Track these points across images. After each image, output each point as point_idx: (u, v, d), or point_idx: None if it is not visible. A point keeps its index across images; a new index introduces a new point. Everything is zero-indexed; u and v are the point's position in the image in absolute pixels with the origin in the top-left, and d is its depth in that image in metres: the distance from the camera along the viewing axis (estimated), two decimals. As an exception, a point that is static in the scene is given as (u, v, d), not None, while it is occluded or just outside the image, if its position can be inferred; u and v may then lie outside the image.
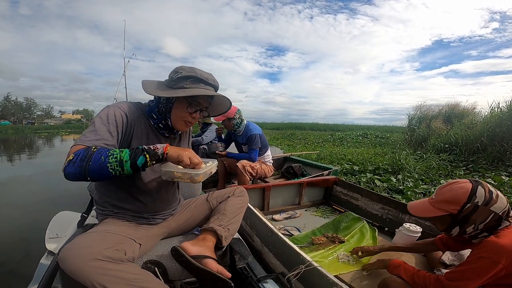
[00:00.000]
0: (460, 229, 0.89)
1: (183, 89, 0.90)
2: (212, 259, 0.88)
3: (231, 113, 2.47)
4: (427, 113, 7.73)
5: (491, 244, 0.79)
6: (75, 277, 0.65)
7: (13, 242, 2.17)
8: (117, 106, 0.90)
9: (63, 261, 0.67)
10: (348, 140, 10.98)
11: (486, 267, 0.78)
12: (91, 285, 0.65)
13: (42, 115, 67.71)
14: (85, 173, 0.73)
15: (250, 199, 1.84)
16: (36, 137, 19.05)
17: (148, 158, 0.78)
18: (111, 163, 0.74)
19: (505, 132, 4.53)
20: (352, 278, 1.25)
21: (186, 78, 0.91)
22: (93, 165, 0.72)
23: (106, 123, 0.84)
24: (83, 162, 0.72)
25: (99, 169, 0.73)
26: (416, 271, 0.96)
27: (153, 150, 0.79)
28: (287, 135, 14.71)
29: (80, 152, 0.74)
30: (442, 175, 3.89)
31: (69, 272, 0.66)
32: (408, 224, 1.54)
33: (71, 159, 0.73)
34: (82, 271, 0.66)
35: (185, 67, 0.94)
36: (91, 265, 0.66)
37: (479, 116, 6.40)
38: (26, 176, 5.09)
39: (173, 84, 0.91)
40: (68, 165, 0.73)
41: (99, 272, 0.66)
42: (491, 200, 0.83)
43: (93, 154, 0.74)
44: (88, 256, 0.68)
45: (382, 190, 3.22)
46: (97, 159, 0.73)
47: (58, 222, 1.34)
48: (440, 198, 0.91)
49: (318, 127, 24.82)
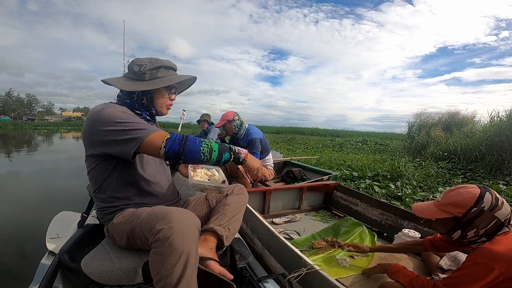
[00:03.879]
0: (462, 233, 0.91)
1: (160, 79, 0.97)
2: (215, 261, 0.88)
3: (230, 116, 2.49)
4: (427, 121, 7.77)
5: (486, 250, 0.81)
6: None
7: (13, 242, 2.16)
8: (114, 105, 0.91)
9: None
10: (348, 146, 11.00)
11: (481, 273, 0.80)
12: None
13: (43, 111, 67.59)
14: (183, 151, 0.80)
15: (251, 202, 1.85)
16: (36, 134, 19.01)
17: (232, 157, 0.87)
18: (203, 147, 0.82)
19: (503, 141, 4.55)
20: (352, 282, 1.26)
21: (157, 68, 0.97)
22: (190, 145, 0.81)
23: (133, 116, 0.87)
24: (182, 141, 0.80)
25: (193, 150, 0.81)
26: (414, 276, 0.98)
27: (237, 153, 0.89)
28: (287, 139, 14.73)
29: (175, 134, 0.82)
30: (440, 182, 3.91)
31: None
32: (407, 230, 1.56)
33: (169, 138, 0.80)
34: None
35: (143, 59, 0.98)
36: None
37: (478, 124, 6.43)
38: (25, 174, 5.07)
39: (145, 76, 0.96)
40: (169, 143, 0.79)
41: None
42: (497, 206, 0.85)
43: (187, 136, 0.82)
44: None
45: (381, 196, 3.23)
46: (193, 141, 0.81)
47: (59, 222, 1.34)
48: (446, 201, 0.93)
49: (318, 132, 24.85)
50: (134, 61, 0.99)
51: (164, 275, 0.67)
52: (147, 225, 0.75)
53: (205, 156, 0.82)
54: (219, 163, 0.86)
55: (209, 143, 0.84)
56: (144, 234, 0.76)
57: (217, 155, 0.83)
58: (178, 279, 0.66)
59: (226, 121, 2.50)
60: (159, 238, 0.68)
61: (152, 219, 0.74)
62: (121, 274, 0.83)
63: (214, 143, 0.85)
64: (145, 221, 0.77)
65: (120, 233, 0.89)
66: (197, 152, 0.81)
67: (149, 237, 0.73)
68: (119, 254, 0.89)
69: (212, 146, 0.83)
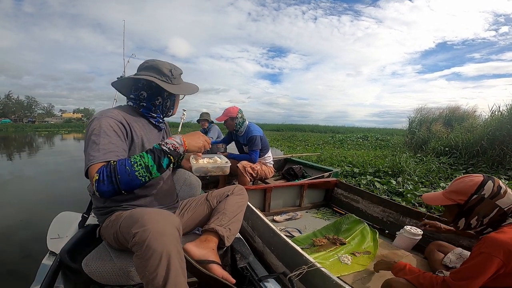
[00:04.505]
0: (466, 221, 0.93)
1: (179, 86, 1.03)
2: (217, 264, 0.88)
3: (233, 113, 2.48)
4: (427, 116, 7.73)
5: (490, 239, 0.81)
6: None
7: (14, 242, 2.17)
8: (107, 116, 0.87)
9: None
10: (349, 142, 10.97)
11: (485, 262, 0.79)
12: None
13: (43, 113, 67.66)
14: (118, 187, 0.73)
15: (251, 200, 1.84)
16: (36, 136, 19.05)
17: (172, 158, 0.82)
18: (138, 171, 0.75)
19: (505, 136, 4.53)
20: (354, 279, 1.25)
21: (180, 74, 1.05)
22: (122, 178, 0.73)
23: (106, 135, 0.82)
24: (111, 178, 0.73)
25: (129, 180, 0.74)
26: (422, 273, 0.96)
27: (174, 150, 0.82)
28: (288, 136, 14.71)
29: (101, 169, 0.74)
30: (442, 178, 3.89)
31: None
32: (408, 227, 1.55)
33: (98, 179, 0.73)
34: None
35: (164, 62, 1.01)
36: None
37: (479, 119, 6.41)
38: (26, 175, 5.09)
39: (175, 80, 1.01)
40: (99, 185, 0.73)
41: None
42: (498, 194, 0.87)
43: (115, 167, 0.74)
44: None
45: (382, 192, 3.22)
46: (123, 171, 0.73)
47: (60, 222, 1.35)
48: (451, 189, 0.97)
49: (318, 129, 24.84)
50: (155, 61, 0.99)
51: (150, 278, 0.65)
52: (125, 229, 0.74)
53: (144, 176, 0.76)
54: (164, 170, 0.81)
55: (141, 161, 0.76)
56: (125, 237, 0.75)
57: (156, 167, 0.78)
58: (164, 281, 0.64)
59: (229, 117, 2.49)
60: (136, 241, 0.66)
61: (128, 222, 0.72)
62: (122, 274, 0.84)
63: (146, 158, 0.77)
64: (123, 225, 0.76)
65: (109, 236, 0.89)
66: (135, 178, 0.75)
67: (128, 240, 0.71)
68: (119, 254, 0.89)
69: (146, 162, 0.76)
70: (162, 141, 0.83)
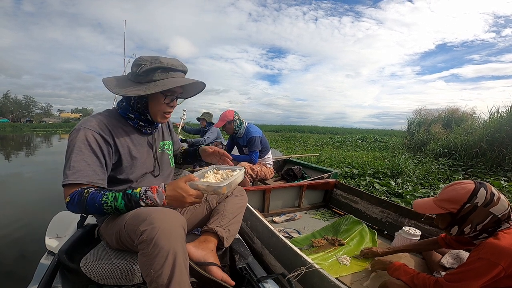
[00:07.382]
0: (459, 228, 0.92)
1: (154, 83, 0.86)
2: (217, 266, 0.88)
3: (230, 116, 2.48)
4: (426, 118, 7.77)
5: (490, 245, 0.80)
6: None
7: (12, 241, 2.16)
8: (86, 127, 0.84)
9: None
10: (348, 144, 10.99)
11: (485, 268, 0.79)
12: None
13: (41, 113, 67.46)
14: (86, 212, 0.83)
15: (250, 201, 1.84)
16: (34, 135, 18.98)
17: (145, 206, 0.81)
18: (107, 209, 0.78)
19: (504, 137, 4.54)
20: (352, 280, 1.25)
21: (154, 70, 0.86)
22: (90, 209, 0.78)
23: (79, 151, 0.81)
24: (81, 206, 0.78)
25: (96, 211, 0.79)
26: (416, 274, 0.97)
27: (151, 205, 0.79)
28: (287, 137, 14.72)
29: (74, 195, 0.78)
30: (441, 179, 3.91)
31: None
32: (407, 228, 1.55)
33: (69, 201, 0.78)
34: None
35: (146, 57, 0.88)
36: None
37: (478, 121, 6.44)
38: (25, 174, 5.07)
39: (141, 78, 0.87)
40: (69, 206, 0.79)
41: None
42: (491, 202, 0.85)
43: (86, 200, 0.77)
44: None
45: (382, 193, 3.23)
46: (92, 205, 0.77)
47: (58, 222, 1.34)
48: (443, 197, 0.94)
49: (317, 130, 24.86)
50: (136, 60, 0.90)
51: (155, 276, 0.65)
52: (131, 226, 0.73)
53: (111, 212, 0.81)
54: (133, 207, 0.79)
55: (112, 203, 0.77)
56: (130, 236, 0.75)
57: (124, 211, 0.79)
58: (168, 279, 0.64)
59: (226, 121, 2.49)
60: (144, 239, 0.67)
61: (135, 220, 0.73)
62: (120, 274, 0.83)
63: (119, 202, 0.78)
64: (129, 223, 0.76)
65: (109, 236, 0.88)
66: (102, 211, 0.79)
67: (134, 239, 0.71)
68: (118, 254, 0.89)
69: (117, 205, 0.78)
70: (143, 195, 0.79)
